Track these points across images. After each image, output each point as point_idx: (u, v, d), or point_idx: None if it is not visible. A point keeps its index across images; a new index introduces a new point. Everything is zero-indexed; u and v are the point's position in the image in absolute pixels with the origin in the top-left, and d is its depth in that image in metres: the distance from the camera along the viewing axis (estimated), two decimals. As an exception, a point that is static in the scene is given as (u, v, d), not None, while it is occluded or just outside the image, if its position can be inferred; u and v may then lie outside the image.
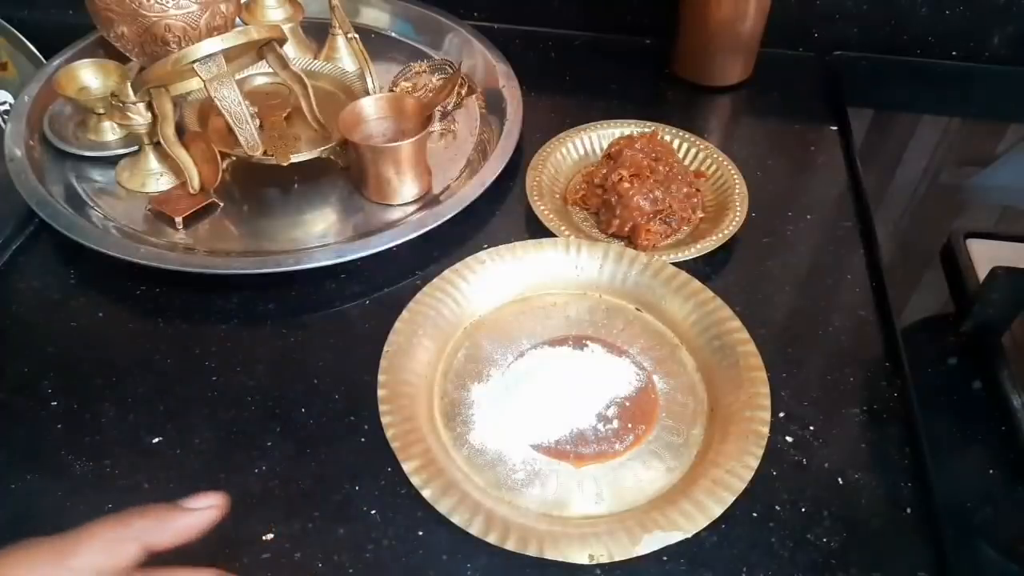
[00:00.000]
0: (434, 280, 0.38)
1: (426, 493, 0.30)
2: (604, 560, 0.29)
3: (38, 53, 0.53)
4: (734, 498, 0.30)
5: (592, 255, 0.40)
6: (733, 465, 0.31)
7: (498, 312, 0.39)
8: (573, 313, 0.39)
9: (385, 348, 0.35)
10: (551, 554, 0.29)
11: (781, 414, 0.36)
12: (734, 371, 0.35)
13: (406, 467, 0.31)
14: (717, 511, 0.30)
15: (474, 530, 0.29)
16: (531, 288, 0.40)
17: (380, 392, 0.33)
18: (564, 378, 0.36)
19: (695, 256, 0.41)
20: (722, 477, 0.31)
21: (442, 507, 0.30)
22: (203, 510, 0.22)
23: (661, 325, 0.38)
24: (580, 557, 0.29)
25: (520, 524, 0.30)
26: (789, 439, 0.35)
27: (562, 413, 0.35)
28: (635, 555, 0.29)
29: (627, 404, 0.35)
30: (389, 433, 0.32)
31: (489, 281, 0.39)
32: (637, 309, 0.39)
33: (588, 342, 0.38)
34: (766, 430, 0.32)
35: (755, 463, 0.31)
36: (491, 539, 0.29)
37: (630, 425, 0.34)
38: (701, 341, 0.37)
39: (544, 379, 0.36)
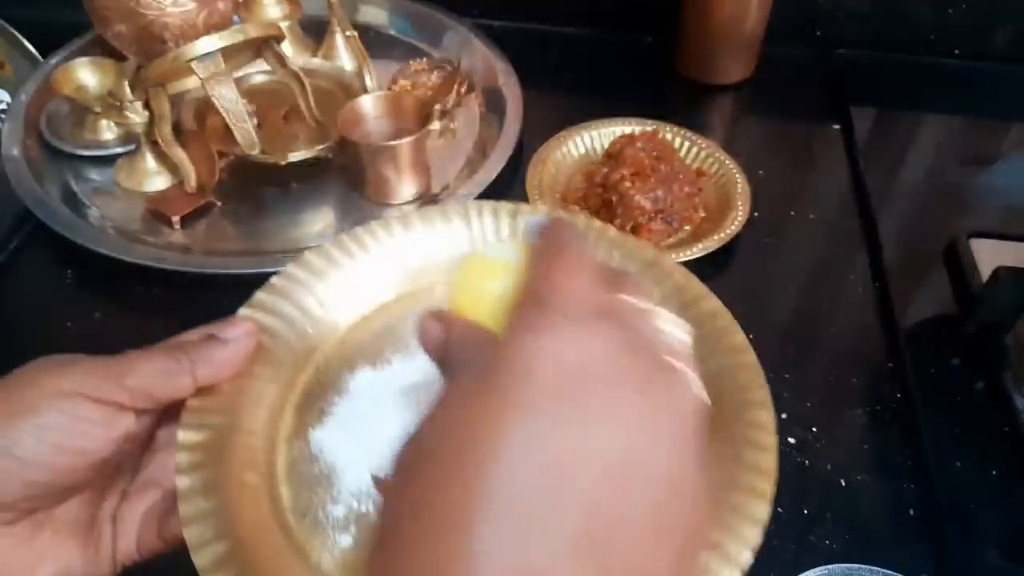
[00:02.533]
0: (273, 281, 0.25)
1: (183, 482, 0.20)
2: None
3: (35, 52, 0.53)
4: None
5: (513, 223, 0.29)
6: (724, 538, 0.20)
7: (375, 317, 0.26)
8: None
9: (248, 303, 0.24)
10: None
11: (784, 415, 0.35)
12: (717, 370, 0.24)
13: (181, 436, 0.20)
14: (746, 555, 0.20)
15: (202, 559, 0.18)
16: (418, 276, 0.27)
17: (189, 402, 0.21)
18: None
19: (697, 256, 0.41)
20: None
21: (189, 508, 0.19)
22: (241, 340, 0.22)
23: None
24: None
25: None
26: (792, 440, 0.35)
27: None
28: None
29: None
30: (197, 402, 0.21)
31: (357, 276, 0.27)
32: None
33: None
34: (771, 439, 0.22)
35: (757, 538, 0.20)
36: None
37: None
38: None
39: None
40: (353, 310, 0.27)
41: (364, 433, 0.24)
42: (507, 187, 0.46)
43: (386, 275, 0.28)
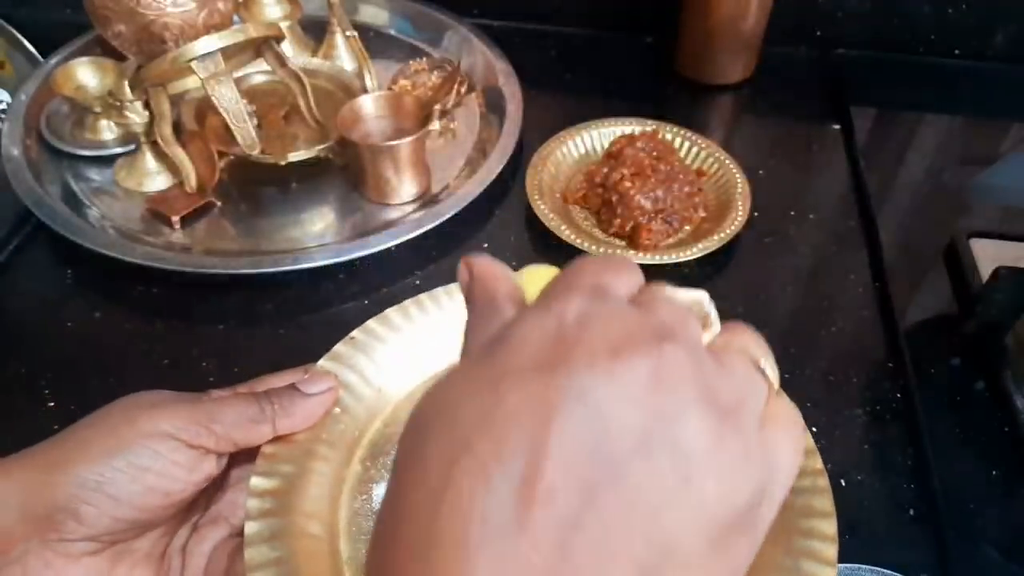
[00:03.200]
0: (324, 361, 0.25)
1: (251, 528, 0.20)
2: None
3: (35, 52, 0.53)
4: None
5: None
6: None
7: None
8: None
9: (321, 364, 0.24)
10: None
11: (783, 415, 0.35)
12: None
13: (253, 483, 0.21)
14: None
15: None
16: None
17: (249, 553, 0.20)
18: None
19: (697, 256, 0.41)
20: None
21: (255, 554, 0.20)
22: (323, 393, 0.22)
23: None
24: None
25: None
26: (791, 440, 0.34)
27: None
28: None
29: None
30: (269, 450, 0.22)
31: (406, 348, 0.27)
32: None
33: None
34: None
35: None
36: None
37: None
38: None
39: None
40: (425, 369, 0.27)
41: None
42: (507, 187, 0.46)
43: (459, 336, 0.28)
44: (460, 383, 0.14)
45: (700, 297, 0.17)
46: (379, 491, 0.23)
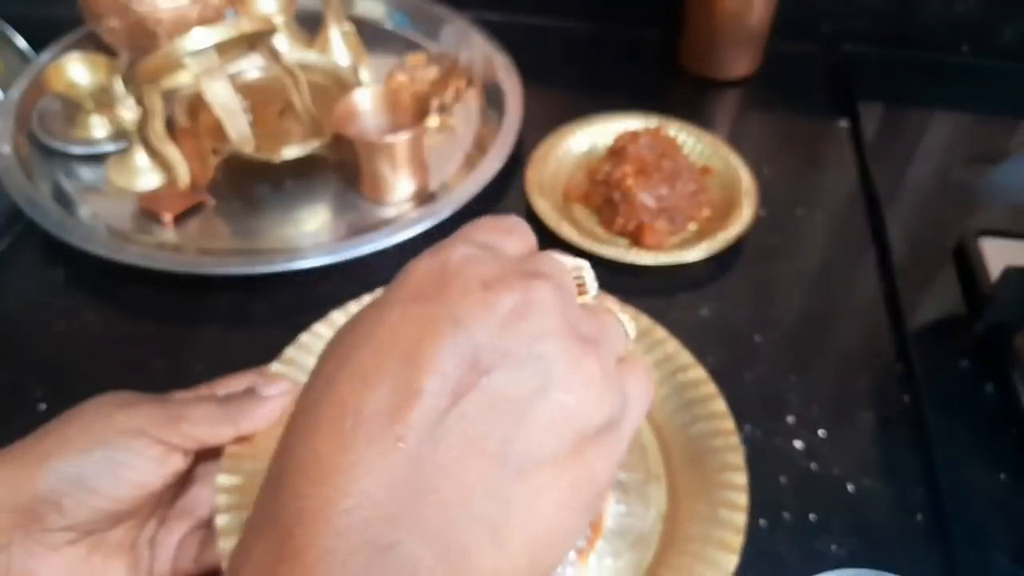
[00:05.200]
0: (347, 305, 0.29)
1: (221, 521, 0.22)
2: None
3: (26, 47, 0.52)
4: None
5: None
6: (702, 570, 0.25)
7: None
8: None
9: (273, 364, 0.27)
10: None
11: (790, 419, 0.35)
12: (698, 435, 0.29)
13: (219, 480, 0.23)
14: None
15: None
16: None
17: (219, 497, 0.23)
18: None
19: (702, 257, 0.40)
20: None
21: (226, 545, 0.22)
22: (278, 397, 0.24)
23: None
24: None
25: None
26: (799, 445, 0.34)
27: None
28: None
29: None
30: (231, 449, 0.24)
31: None
32: None
33: None
34: (741, 520, 0.26)
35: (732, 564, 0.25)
36: None
37: None
38: (664, 409, 0.30)
39: None
40: None
41: None
42: (507, 185, 0.46)
43: None
44: (357, 314, 0.17)
45: (581, 263, 0.19)
46: None
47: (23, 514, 0.20)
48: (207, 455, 0.25)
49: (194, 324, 0.39)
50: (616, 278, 0.40)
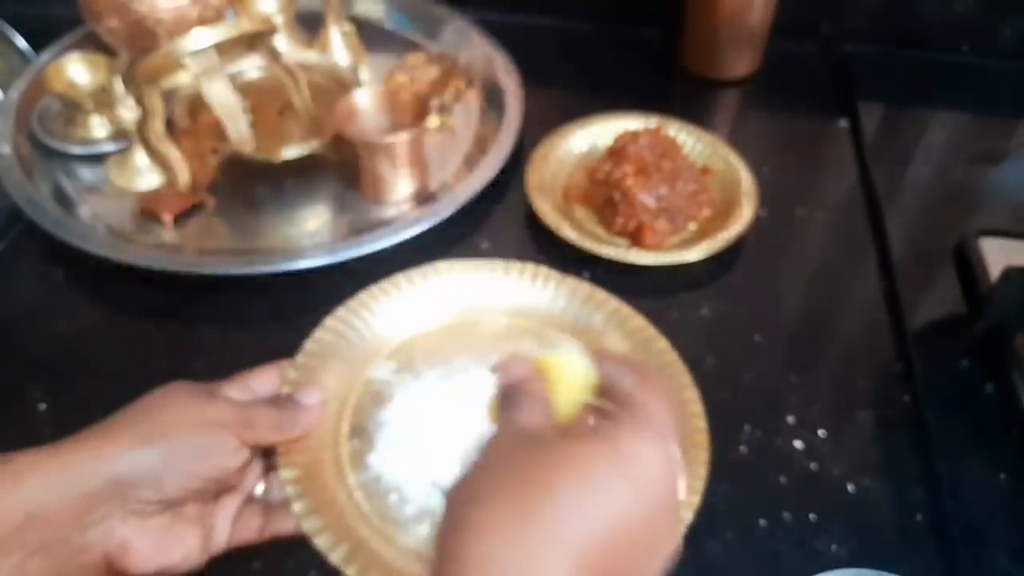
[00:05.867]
0: (380, 283, 0.34)
1: (297, 507, 0.27)
2: None
3: (26, 47, 0.52)
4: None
5: (557, 289, 0.35)
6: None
7: (442, 331, 0.35)
8: (525, 346, 0.35)
9: (297, 357, 0.31)
10: None
11: (791, 419, 0.35)
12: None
13: (283, 475, 0.27)
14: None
15: (335, 558, 0.26)
16: (488, 311, 0.35)
17: (284, 388, 0.29)
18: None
19: (702, 257, 0.40)
20: None
21: (308, 525, 0.26)
22: (316, 406, 0.28)
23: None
24: None
25: (390, 563, 0.26)
26: (799, 445, 0.34)
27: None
28: None
29: None
30: (285, 457, 0.28)
31: (438, 293, 0.35)
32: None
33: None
34: (703, 471, 0.28)
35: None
36: (351, 572, 0.26)
37: None
38: None
39: (472, 407, 0.30)
40: (394, 336, 0.34)
41: (411, 447, 0.30)
42: (507, 185, 0.45)
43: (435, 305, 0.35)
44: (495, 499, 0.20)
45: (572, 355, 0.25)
46: (372, 459, 0.30)
47: (124, 488, 0.23)
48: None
49: (193, 324, 0.39)
50: (616, 278, 0.40)
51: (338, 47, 0.52)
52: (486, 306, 0.35)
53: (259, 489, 0.29)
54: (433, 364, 0.33)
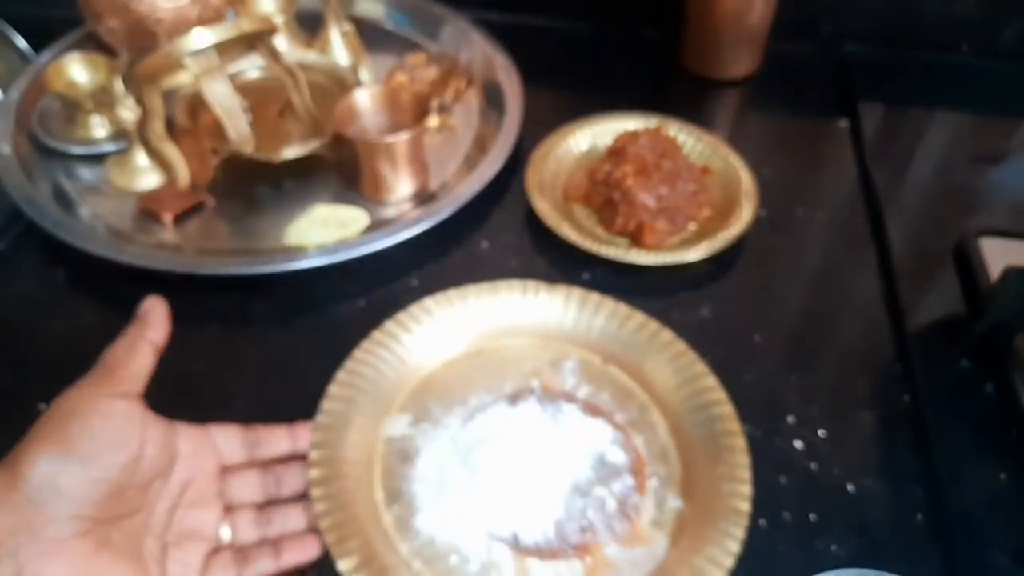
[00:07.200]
0: (373, 334, 0.33)
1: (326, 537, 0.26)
2: None
3: (26, 47, 0.52)
4: None
5: (551, 300, 0.35)
6: (713, 551, 0.28)
7: (448, 367, 0.34)
8: (531, 366, 0.34)
9: (317, 418, 0.30)
10: None
11: (791, 419, 0.35)
12: (710, 437, 0.31)
13: (342, 566, 0.26)
14: None
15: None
16: (485, 337, 0.35)
17: (312, 473, 0.28)
18: (530, 443, 0.31)
19: (702, 257, 0.40)
20: (701, 567, 0.28)
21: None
22: (150, 299, 0.28)
23: (630, 380, 0.34)
24: None
25: None
26: (799, 445, 0.34)
27: (531, 491, 0.29)
28: None
29: (616, 475, 0.30)
30: (324, 524, 0.27)
31: (436, 331, 0.34)
32: (603, 361, 0.35)
33: (560, 400, 0.32)
34: (747, 507, 0.29)
35: (736, 547, 0.28)
36: None
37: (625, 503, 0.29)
38: (675, 399, 0.33)
39: (504, 445, 0.30)
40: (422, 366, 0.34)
41: (455, 501, 0.29)
42: (507, 185, 0.45)
43: (459, 331, 0.35)
44: None
45: None
46: (419, 522, 0.29)
47: (24, 512, 0.21)
48: (207, 475, 0.27)
49: (193, 324, 0.39)
50: (616, 278, 0.40)
51: (338, 47, 0.52)
52: (485, 332, 0.35)
53: (225, 533, 0.27)
54: (449, 407, 0.32)
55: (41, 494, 0.21)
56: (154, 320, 0.27)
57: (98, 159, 0.46)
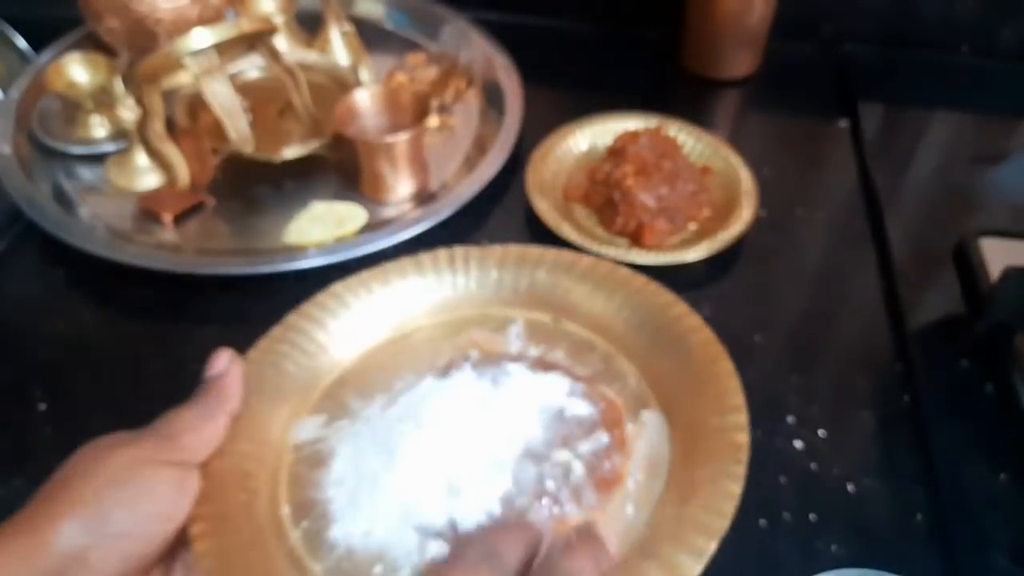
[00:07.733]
0: (274, 330, 0.29)
1: None
2: None
3: (26, 47, 0.52)
4: (716, 544, 0.23)
5: (482, 265, 0.31)
6: (709, 497, 0.24)
7: (370, 356, 0.29)
8: (468, 339, 0.29)
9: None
10: None
11: (791, 419, 0.35)
12: (690, 370, 0.27)
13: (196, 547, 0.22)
14: (696, 569, 0.22)
15: None
16: (412, 318, 0.30)
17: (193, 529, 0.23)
18: (464, 413, 0.25)
19: (702, 257, 0.40)
20: (698, 517, 0.23)
21: None
22: (229, 366, 0.25)
23: (588, 332, 0.30)
24: None
25: None
26: (799, 445, 0.34)
27: (469, 467, 0.24)
28: None
29: (584, 432, 0.25)
30: (204, 565, 0.22)
31: (353, 320, 0.30)
32: (554, 319, 0.30)
33: (503, 362, 0.27)
34: (744, 438, 0.26)
35: (737, 488, 0.24)
36: None
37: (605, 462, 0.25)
38: (641, 340, 0.29)
39: (431, 422, 0.25)
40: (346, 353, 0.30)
41: (378, 501, 0.24)
42: (507, 185, 0.45)
43: (381, 316, 0.31)
44: None
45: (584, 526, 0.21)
46: (335, 534, 0.25)
47: None
48: None
49: (193, 324, 0.39)
50: (616, 278, 0.40)
51: (338, 47, 0.52)
52: (412, 313, 0.30)
53: None
54: (369, 397, 0.27)
55: (70, 569, 0.19)
56: (233, 389, 0.24)
57: (98, 159, 0.46)
